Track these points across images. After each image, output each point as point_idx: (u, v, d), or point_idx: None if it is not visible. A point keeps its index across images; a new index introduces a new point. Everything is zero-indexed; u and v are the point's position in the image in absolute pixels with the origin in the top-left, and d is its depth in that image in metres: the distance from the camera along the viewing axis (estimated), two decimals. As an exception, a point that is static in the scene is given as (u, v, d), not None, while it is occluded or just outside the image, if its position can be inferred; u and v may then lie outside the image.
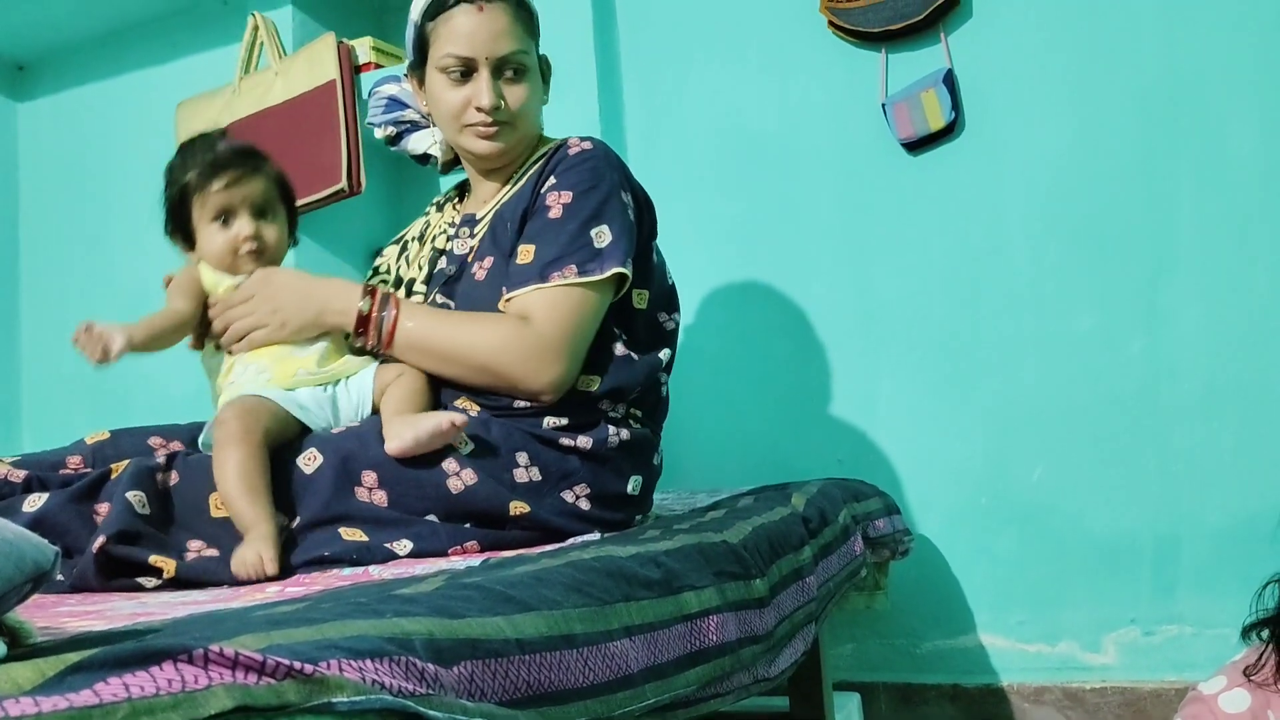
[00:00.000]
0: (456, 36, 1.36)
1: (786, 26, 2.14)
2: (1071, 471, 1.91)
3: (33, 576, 0.58)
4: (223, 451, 1.16)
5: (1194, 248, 1.85)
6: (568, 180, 1.36)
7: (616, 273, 1.32)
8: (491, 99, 1.36)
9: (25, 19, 2.79)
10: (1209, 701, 1.26)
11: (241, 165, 1.34)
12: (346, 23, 2.65)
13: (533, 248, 1.33)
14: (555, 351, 1.29)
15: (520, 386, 1.30)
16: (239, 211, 1.34)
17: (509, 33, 1.36)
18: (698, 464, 2.16)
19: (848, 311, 2.08)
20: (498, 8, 1.36)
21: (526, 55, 1.39)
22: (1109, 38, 1.91)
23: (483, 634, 0.66)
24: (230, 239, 1.34)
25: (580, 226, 1.32)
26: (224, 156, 1.34)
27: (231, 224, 1.34)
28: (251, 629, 0.55)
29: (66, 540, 1.13)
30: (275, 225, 1.37)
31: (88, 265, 2.94)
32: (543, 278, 1.30)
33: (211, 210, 1.34)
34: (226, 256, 1.35)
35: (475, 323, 1.32)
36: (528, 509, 1.25)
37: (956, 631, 1.99)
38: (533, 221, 1.36)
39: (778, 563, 1.20)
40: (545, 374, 1.29)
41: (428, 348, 1.31)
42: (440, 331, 1.31)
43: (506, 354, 1.28)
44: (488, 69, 1.36)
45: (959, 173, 2.01)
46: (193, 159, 1.35)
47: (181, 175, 1.35)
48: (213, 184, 1.32)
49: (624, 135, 2.26)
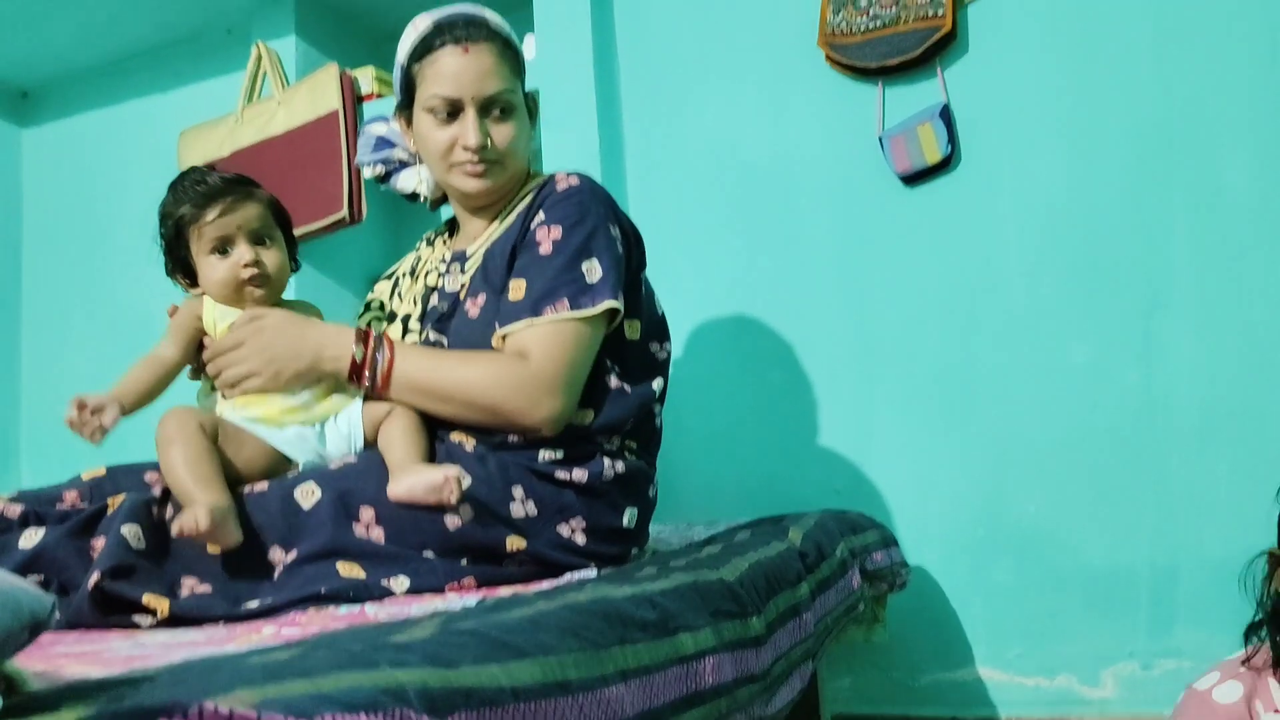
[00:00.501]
0: (442, 77, 1.37)
1: (785, 60, 2.16)
2: (1068, 503, 1.91)
3: (29, 626, 0.59)
4: (164, 450, 1.19)
5: (1189, 280, 1.86)
6: (556, 215, 1.36)
7: (609, 307, 1.33)
8: (478, 138, 1.37)
9: (30, 46, 2.81)
10: (1202, 696, 1.27)
11: (233, 193, 1.32)
12: (349, 53, 2.68)
13: (524, 283, 1.33)
14: (552, 386, 1.29)
15: (519, 422, 1.30)
16: (236, 240, 1.32)
17: (494, 72, 1.37)
18: (694, 495, 2.16)
19: (844, 342, 2.09)
20: (483, 48, 1.37)
21: (513, 94, 1.40)
22: (1103, 73, 1.93)
23: (477, 683, 0.66)
24: (231, 268, 1.32)
25: (570, 261, 1.33)
26: (215, 187, 1.33)
27: (230, 253, 1.33)
28: (246, 681, 0.55)
29: (63, 576, 1.13)
30: (275, 250, 1.36)
31: (89, 293, 2.95)
32: (535, 312, 1.31)
33: (209, 242, 1.32)
34: (229, 287, 1.33)
35: (471, 361, 1.32)
36: (524, 545, 1.26)
37: (954, 664, 1.98)
38: (522, 257, 1.36)
39: (774, 600, 1.20)
40: (543, 409, 1.29)
41: (424, 389, 1.31)
42: (437, 372, 1.31)
43: (503, 391, 1.28)
44: (474, 108, 1.37)
45: (955, 206, 2.02)
46: (184, 193, 1.34)
47: (175, 210, 1.34)
48: (207, 214, 1.31)
49: (623, 167, 2.28)
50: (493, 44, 1.39)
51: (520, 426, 1.30)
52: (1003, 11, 2.00)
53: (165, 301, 2.96)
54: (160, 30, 2.78)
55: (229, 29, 2.77)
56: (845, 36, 2.06)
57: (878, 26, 2.03)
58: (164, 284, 1.48)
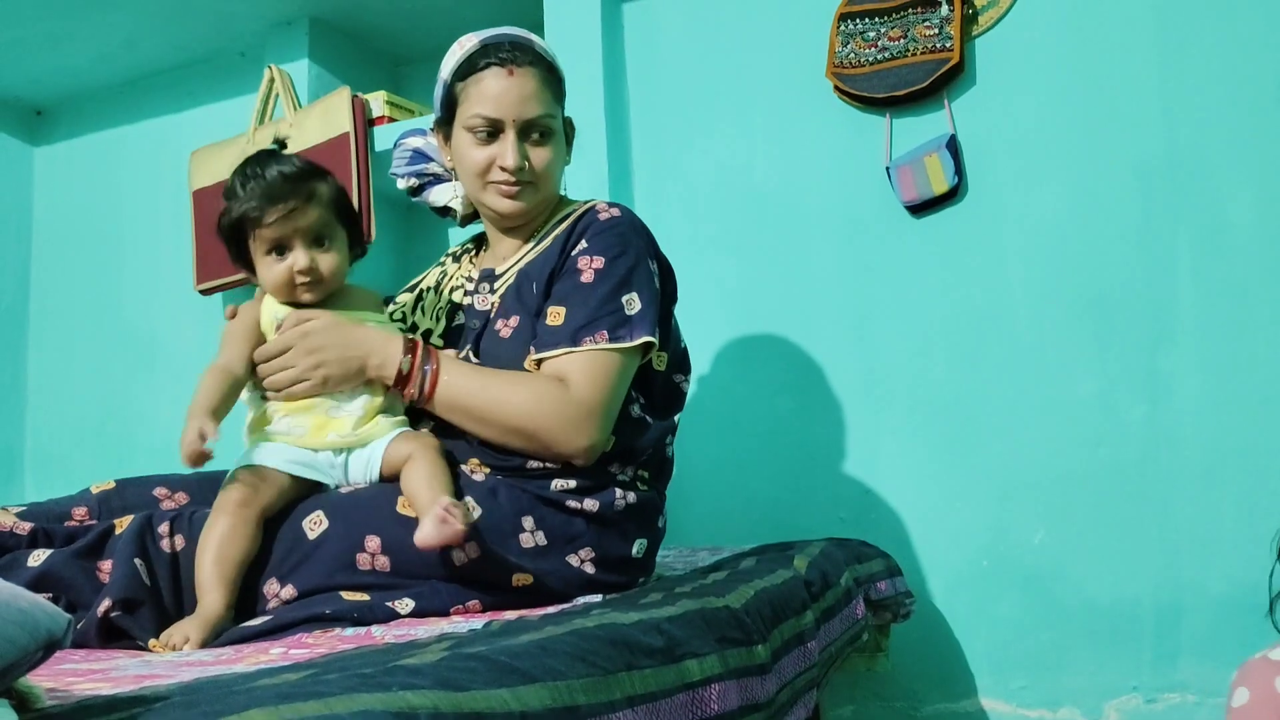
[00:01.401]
0: (485, 98, 1.38)
1: (793, 91, 2.18)
2: (1073, 537, 1.91)
3: (45, 644, 0.59)
4: (215, 517, 1.19)
5: (1194, 315, 1.87)
6: (598, 245, 1.37)
7: (645, 341, 1.34)
8: (516, 160, 1.38)
9: (45, 66, 2.84)
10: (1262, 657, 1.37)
11: (295, 194, 1.29)
12: (361, 77, 2.70)
13: (563, 310, 1.34)
14: (593, 417, 1.30)
15: (555, 450, 1.30)
16: (293, 243, 1.30)
17: (537, 97, 1.39)
18: (699, 521, 2.16)
19: (851, 372, 2.10)
20: (527, 72, 1.39)
21: (553, 119, 1.41)
22: (1110, 107, 1.95)
23: (487, 707, 0.66)
24: (285, 272, 1.31)
25: (611, 292, 1.34)
26: (276, 186, 1.29)
27: (286, 256, 1.31)
28: (259, 703, 0.55)
29: (70, 596, 1.13)
30: (332, 253, 1.33)
31: (96, 310, 2.96)
32: (574, 341, 1.31)
33: (266, 244, 1.31)
34: (283, 289, 1.33)
35: (515, 383, 1.31)
36: (530, 580, 1.26)
37: (957, 695, 1.97)
38: (562, 283, 1.37)
39: (780, 627, 1.20)
40: (582, 439, 1.29)
41: (467, 407, 1.31)
42: (482, 393, 1.30)
43: (545, 418, 1.28)
44: (514, 130, 1.38)
45: (961, 236, 2.03)
46: (246, 187, 1.31)
47: (236, 206, 1.31)
48: (265, 217, 1.28)
49: (632, 195, 2.29)
50: (537, 68, 1.40)
51: (556, 454, 1.30)
52: (1010, 45, 2.02)
53: (172, 320, 2.98)
54: (174, 52, 2.81)
55: (242, 52, 2.80)
56: (854, 68, 2.08)
57: (886, 58, 2.05)
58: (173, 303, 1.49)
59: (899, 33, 2.04)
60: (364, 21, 2.66)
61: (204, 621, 1.12)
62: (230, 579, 1.16)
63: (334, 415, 1.31)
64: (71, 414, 2.95)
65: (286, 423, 1.30)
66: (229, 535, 1.17)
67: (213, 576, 1.16)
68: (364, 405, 1.32)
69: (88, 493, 1.35)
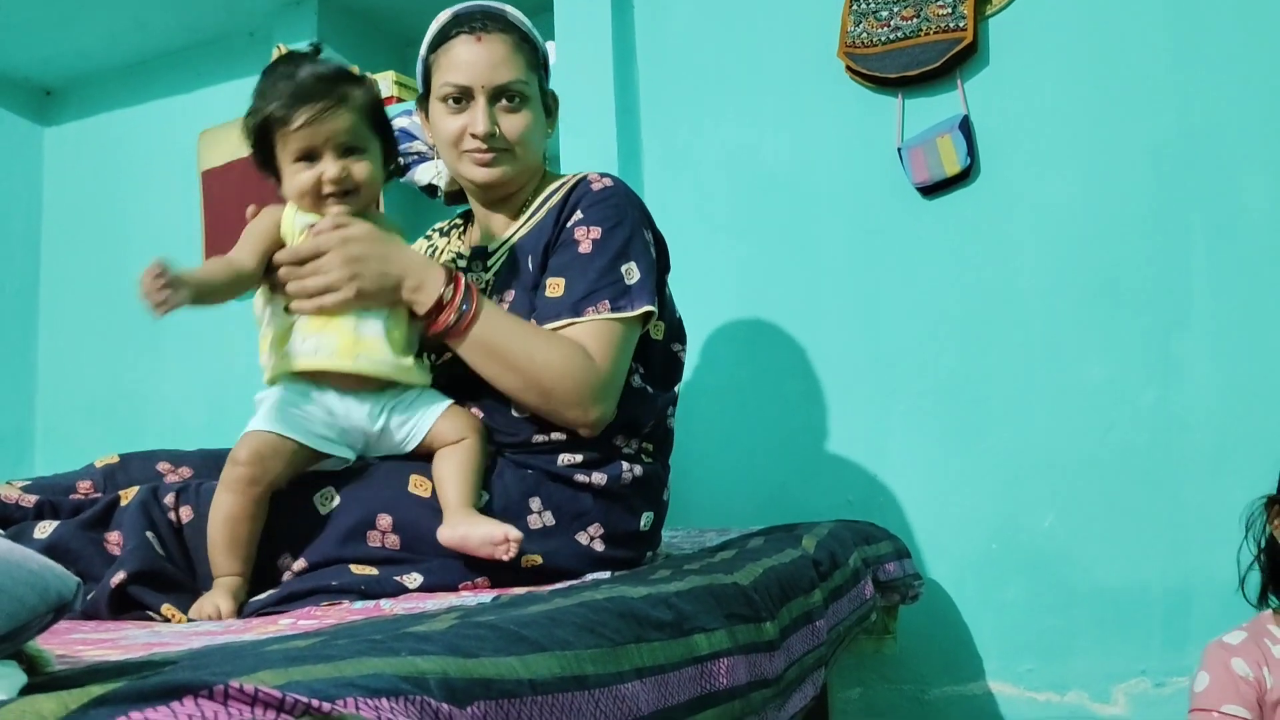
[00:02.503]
0: (455, 65, 1.37)
1: (804, 71, 2.16)
2: (1082, 521, 1.90)
3: (55, 607, 0.59)
4: (222, 494, 1.16)
5: (1207, 299, 1.85)
6: (594, 216, 1.36)
7: (646, 310, 1.33)
8: (486, 126, 1.36)
9: (55, 46, 2.84)
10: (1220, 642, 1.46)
11: (326, 96, 1.20)
12: (370, 57, 2.70)
13: (562, 281, 1.32)
14: (607, 388, 1.29)
15: (566, 414, 1.28)
16: (323, 151, 1.21)
17: (507, 62, 1.37)
18: (707, 502, 2.16)
19: (860, 354, 2.09)
20: (496, 39, 1.38)
21: (525, 85, 1.39)
22: (1124, 88, 1.93)
23: (496, 674, 0.66)
24: (314, 180, 1.22)
25: (610, 262, 1.32)
26: (307, 85, 1.20)
27: (316, 164, 1.22)
28: (269, 664, 0.55)
29: (78, 568, 1.13)
30: (366, 161, 1.24)
31: (106, 289, 2.97)
32: (576, 312, 1.30)
33: (294, 150, 1.21)
34: (311, 198, 1.23)
35: (548, 340, 1.28)
36: (540, 561, 1.25)
37: (965, 678, 1.97)
38: (559, 255, 1.35)
39: (788, 605, 1.20)
40: (595, 410, 1.28)
41: (497, 351, 1.26)
42: (513, 339, 1.26)
43: (568, 380, 1.26)
44: (484, 96, 1.37)
45: (973, 218, 2.02)
46: (274, 87, 1.21)
47: (263, 105, 1.22)
48: (293, 120, 1.19)
49: (641, 175, 2.28)
50: (508, 35, 1.39)
51: (566, 419, 1.28)
52: (1024, 25, 2.00)
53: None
54: (183, 32, 2.81)
55: (251, 32, 2.79)
56: (865, 48, 2.07)
57: (898, 38, 2.03)
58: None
59: (911, 12, 2.03)
60: (372, 1, 2.66)
61: (230, 592, 1.12)
62: (247, 555, 1.16)
63: (363, 335, 1.22)
64: (81, 393, 2.97)
65: (313, 342, 1.21)
66: (239, 515, 1.15)
67: (228, 554, 1.15)
68: (385, 323, 1.24)
69: (92, 467, 1.35)
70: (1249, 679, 1.41)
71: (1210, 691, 1.43)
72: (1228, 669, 1.42)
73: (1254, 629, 1.46)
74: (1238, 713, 1.41)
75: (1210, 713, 1.43)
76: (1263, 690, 1.41)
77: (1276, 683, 1.40)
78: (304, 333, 1.22)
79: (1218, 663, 1.44)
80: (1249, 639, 1.44)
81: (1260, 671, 1.41)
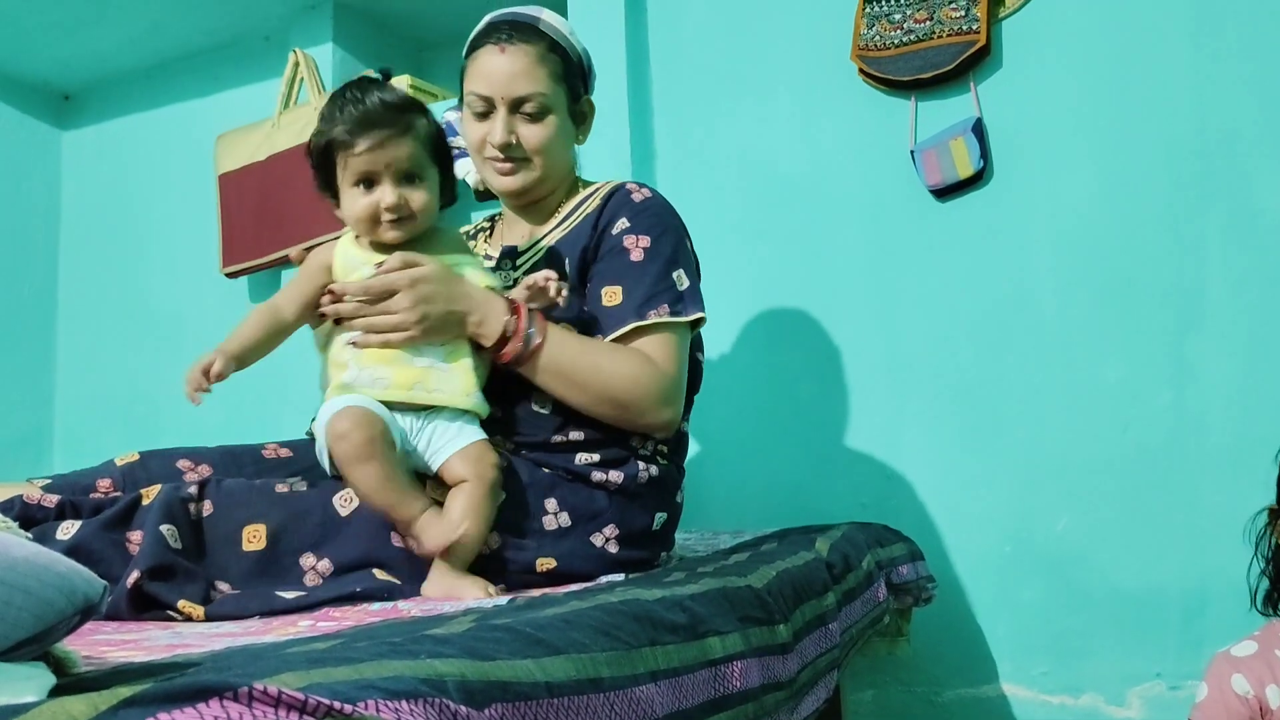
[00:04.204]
0: (479, 75, 1.41)
1: (817, 73, 2.17)
2: (1097, 523, 1.90)
3: (82, 609, 0.60)
4: (354, 469, 1.17)
5: (1222, 300, 1.85)
6: (641, 224, 1.40)
7: (699, 316, 1.39)
8: (502, 136, 1.40)
9: (73, 51, 2.87)
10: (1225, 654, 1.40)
11: (390, 125, 1.22)
12: (386, 61, 2.70)
13: (620, 289, 1.36)
14: (676, 390, 1.36)
15: (643, 420, 1.34)
16: (382, 177, 1.23)
17: (528, 74, 1.40)
18: (721, 505, 2.16)
19: (874, 356, 2.09)
20: (520, 50, 1.40)
21: (545, 96, 1.41)
22: (1138, 90, 1.93)
23: (513, 676, 0.67)
24: (371, 205, 1.24)
25: (663, 269, 1.37)
26: (374, 113, 1.22)
27: (374, 190, 1.24)
28: (291, 666, 0.56)
29: (100, 569, 1.13)
30: (423, 190, 1.26)
31: (124, 292, 3.00)
32: (640, 315, 1.34)
33: (354, 174, 1.24)
34: (367, 224, 1.25)
35: (612, 353, 1.33)
36: (554, 564, 1.26)
37: (979, 681, 1.97)
38: (609, 262, 1.38)
39: (801, 608, 1.21)
40: (667, 411, 1.34)
41: (567, 373, 1.30)
42: (581, 359, 1.30)
43: (639, 388, 1.31)
44: (504, 107, 1.40)
45: (987, 220, 2.02)
46: (342, 110, 1.23)
47: (329, 128, 1.24)
48: (357, 145, 1.22)
49: (655, 178, 2.29)
50: (534, 46, 1.41)
51: (643, 425, 1.35)
52: (1037, 27, 2.00)
53: (198, 302, 3.00)
54: (200, 36, 2.83)
55: (268, 36, 2.81)
56: (879, 50, 2.07)
57: (912, 41, 2.03)
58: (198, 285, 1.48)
59: (925, 15, 2.03)
60: (388, 5, 2.67)
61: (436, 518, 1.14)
62: (419, 494, 1.18)
63: (415, 363, 1.24)
64: (100, 395, 2.99)
65: (369, 374, 1.23)
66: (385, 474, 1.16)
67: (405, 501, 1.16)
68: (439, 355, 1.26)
69: (112, 464, 1.36)
70: (1248, 698, 1.37)
71: (1206, 706, 1.40)
72: (1226, 686, 1.39)
73: (1266, 639, 1.42)
74: None
75: None
76: (1263, 710, 1.36)
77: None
78: (359, 364, 1.24)
79: (1218, 677, 1.40)
80: (1259, 651, 1.40)
81: (1262, 691, 1.36)
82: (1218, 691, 1.39)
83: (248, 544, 1.17)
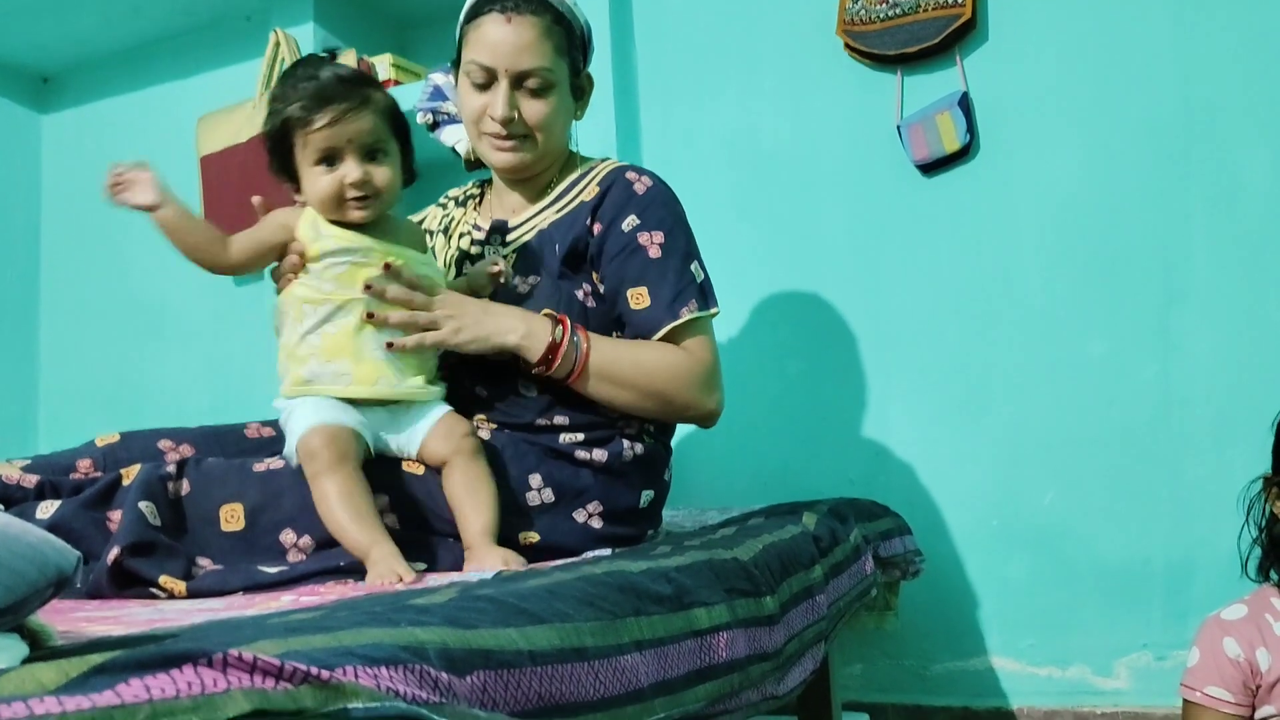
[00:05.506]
0: (482, 45, 1.37)
1: (803, 49, 2.15)
2: (1083, 496, 1.91)
3: (55, 580, 0.59)
4: (319, 483, 1.15)
5: (1207, 274, 1.85)
6: (652, 219, 1.39)
7: (717, 311, 1.42)
8: (505, 111, 1.36)
9: (51, 33, 2.83)
10: (1215, 618, 1.45)
11: (347, 98, 1.19)
12: (367, 40, 2.68)
13: (645, 290, 1.36)
14: (714, 377, 1.39)
15: (691, 411, 1.38)
16: (345, 153, 1.20)
17: (534, 47, 1.36)
18: (708, 482, 2.16)
19: (861, 332, 2.09)
20: (526, 21, 1.36)
21: (550, 72, 1.38)
22: (1124, 63, 1.92)
23: (495, 645, 0.66)
24: (335, 183, 1.21)
25: (682, 263, 1.39)
26: (329, 87, 1.19)
27: (337, 166, 1.21)
28: (269, 635, 0.56)
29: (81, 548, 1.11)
30: (386, 166, 1.23)
31: (106, 276, 2.97)
32: (674, 315, 1.36)
33: (314, 152, 1.20)
34: (331, 203, 1.22)
35: (652, 350, 1.36)
36: (538, 538, 1.26)
37: (967, 654, 1.98)
38: (627, 262, 1.37)
39: (788, 580, 1.20)
40: (711, 400, 1.38)
41: (611, 375, 1.33)
42: (623, 361, 1.33)
43: (682, 381, 1.35)
44: (507, 80, 1.36)
45: (973, 195, 2.01)
46: (295, 87, 1.21)
47: (282, 106, 1.21)
48: (315, 120, 1.18)
49: (640, 155, 2.28)
50: (540, 18, 1.37)
51: (690, 416, 1.39)
52: (1023, 1, 1.99)
53: (182, 286, 2.98)
54: (180, 17, 2.79)
55: (248, 16, 2.78)
56: (864, 24, 2.06)
57: (897, 14, 2.02)
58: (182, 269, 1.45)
59: (910, -12, 2.01)
60: (369, -16, 2.64)
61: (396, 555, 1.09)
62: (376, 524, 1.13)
63: (377, 358, 1.23)
64: (83, 381, 2.97)
65: (331, 369, 1.22)
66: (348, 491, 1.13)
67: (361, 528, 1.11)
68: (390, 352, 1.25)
69: (92, 445, 1.34)
70: (1239, 660, 1.39)
71: (1197, 670, 1.43)
72: (1218, 649, 1.41)
73: (1255, 603, 1.44)
74: (1221, 695, 1.40)
75: (1195, 692, 1.43)
76: (1253, 672, 1.39)
77: (1274, 663, 1.38)
78: (319, 358, 1.22)
79: (1210, 641, 1.43)
80: (1248, 615, 1.42)
81: (1252, 654, 1.39)
82: (1210, 655, 1.40)
83: (226, 523, 1.17)
